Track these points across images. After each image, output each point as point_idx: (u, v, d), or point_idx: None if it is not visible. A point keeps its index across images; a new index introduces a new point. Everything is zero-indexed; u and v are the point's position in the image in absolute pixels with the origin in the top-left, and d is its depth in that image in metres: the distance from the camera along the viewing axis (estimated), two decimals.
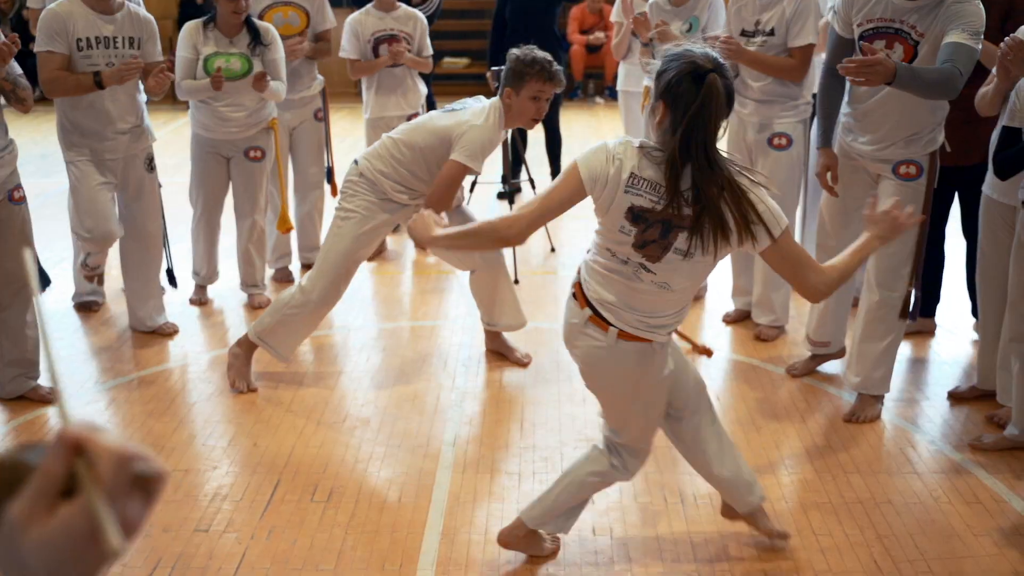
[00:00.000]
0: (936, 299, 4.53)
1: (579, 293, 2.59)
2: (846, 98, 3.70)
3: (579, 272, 2.62)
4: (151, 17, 4.26)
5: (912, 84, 3.28)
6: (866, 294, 3.75)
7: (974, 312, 4.40)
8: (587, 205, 2.62)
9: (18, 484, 0.72)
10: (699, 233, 2.36)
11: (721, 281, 5.18)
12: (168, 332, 4.62)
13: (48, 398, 3.95)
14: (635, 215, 2.39)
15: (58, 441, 0.70)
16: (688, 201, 2.35)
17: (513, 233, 2.56)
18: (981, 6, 3.32)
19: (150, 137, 4.38)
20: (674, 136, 2.34)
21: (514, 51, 3.84)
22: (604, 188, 2.43)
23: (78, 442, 0.70)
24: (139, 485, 0.72)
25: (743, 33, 4.35)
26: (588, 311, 2.55)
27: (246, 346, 4.04)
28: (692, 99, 2.31)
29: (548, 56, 3.88)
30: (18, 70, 3.71)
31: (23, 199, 3.80)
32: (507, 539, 2.89)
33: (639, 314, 2.52)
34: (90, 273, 4.59)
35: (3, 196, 3.70)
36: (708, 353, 3.95)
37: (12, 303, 3.82)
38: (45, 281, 4.20)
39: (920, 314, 4.20)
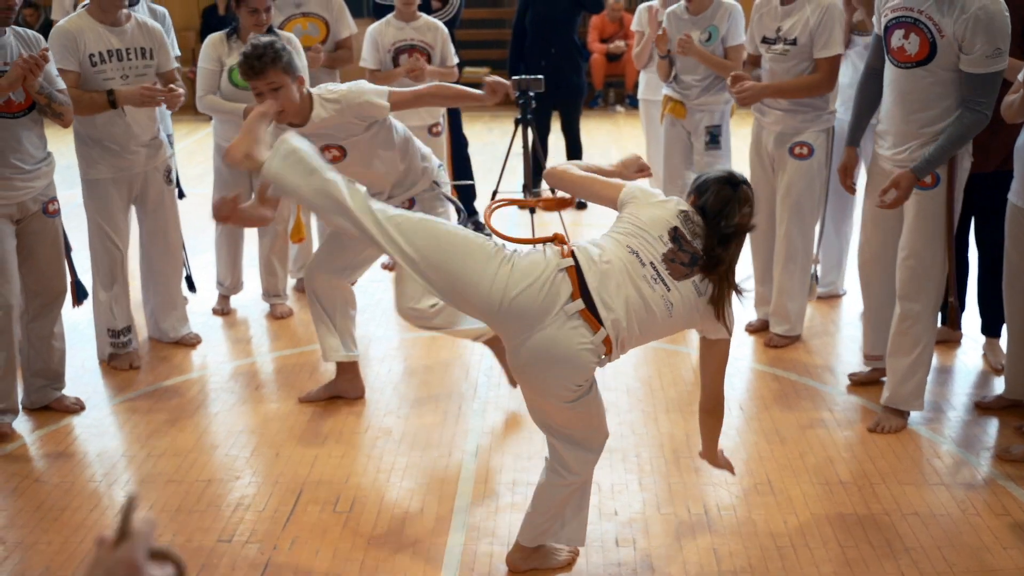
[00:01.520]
0: (961, 308, 4.48)
1: (574, 278, 2.48)
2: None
3: (574, 254, 2.53)
4: (159, 26, 4.26)
5: (940, 159, 3.40)
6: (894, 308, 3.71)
7: (983, 329, 4.33)
8: (610, 214, 2.64)
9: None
10: (710, 281, 2.57)
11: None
12: (192, 342, 4.64)
13: (73, 408, 3.97)
14: (675, 236, 2.56)
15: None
16: (706, 262, 2.57)
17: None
18: (1007, 15, 3.28)
19: (168, 149, 4.39)
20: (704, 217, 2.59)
21: None
22: (646, 204, 2.63)
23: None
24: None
25: (764, 40, 4.33)
26: (581, 302, 2.47)
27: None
28: (724, 194, 2.58)
29: (257, 46, 3.42)
30: (59, 84, 3.73)
31: (58, 211, 3.82)
32: (514, 562, 2.87)
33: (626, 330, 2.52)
34: (121, 350, 4.40)
35: (39, 208, 3.73)
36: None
37: (40, 314, 3.85)
38: (82, 293, 4.23)
39: (942, 323, 4.15)
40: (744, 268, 5.32)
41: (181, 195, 5.31)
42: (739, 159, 5.79)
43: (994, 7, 3.25)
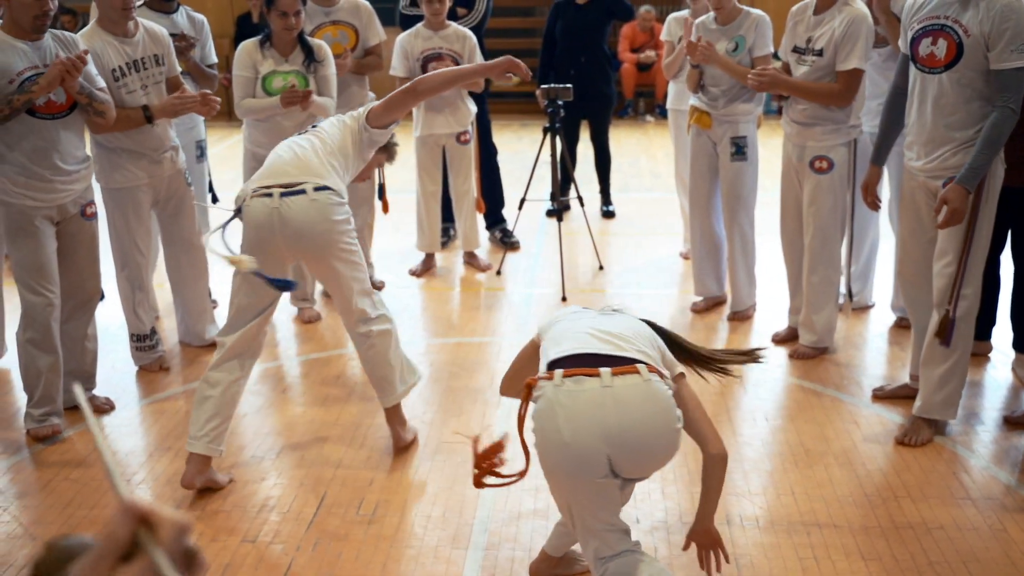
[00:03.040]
0: (992, 322, 4.44)
1: (526, 395, 2.54)
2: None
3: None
4: (164, 30, 4.28)
5: (982, 165, 3.37)
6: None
7: (1015, 344, 4.27)
8: (638, 224, 2.63)
9: (63, 566, 0.81)
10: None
11: (771, 301, 5.14)
12: None
13: (103, 408, 4.03)
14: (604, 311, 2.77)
15: (124, 510, 0.77)
16: None
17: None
18: None
19: (182, 152, 4.42)
20: None
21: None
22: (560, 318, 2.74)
23: (143, 513, 0.77)
24: (187, 560, 0.80)
25: (795, 49, 4.32)
26: (560, 371, 2.44)
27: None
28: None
29: None
30: (99, 83, 3.79)
31: (94, 215, 3.88)
32: (539, 570, 2.88)
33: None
34: (149, 354, 4.48)
35: (77, 211, 3.79)
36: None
37: (74, 315, 3.91)
38: (101, 296, 4.29)
39: (976, 337, 4.10)
40: (780, 282, 5.31)
41: (215, 199, 5.39)
42: (767, 170, 5.77)
43: (1016, 3, 3.27)
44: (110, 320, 4.89)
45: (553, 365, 2.46)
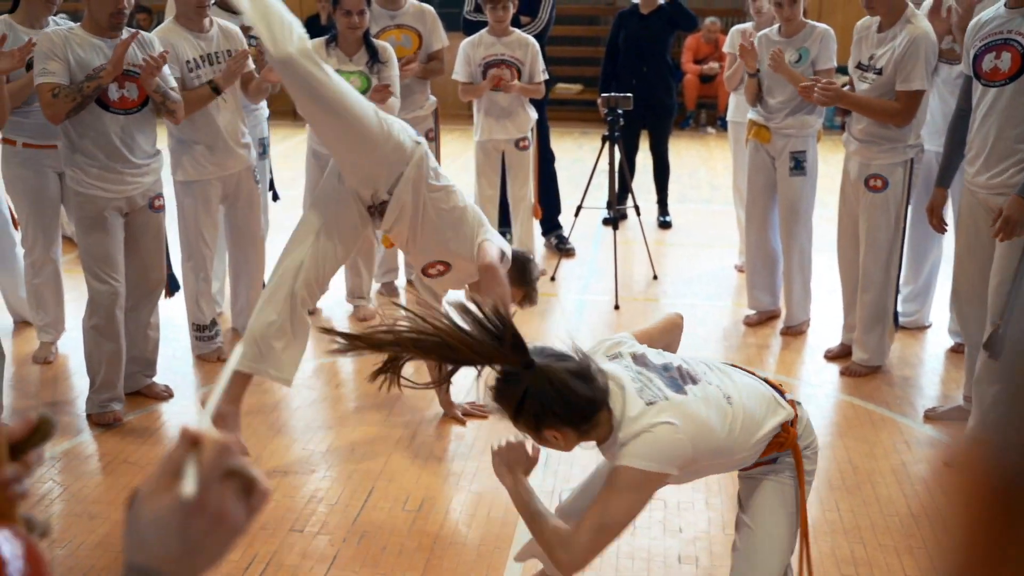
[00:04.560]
0: None
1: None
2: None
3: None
4: (236, 27, 4.41)
5: None
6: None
7: None
8: (695, 234, 2.65)
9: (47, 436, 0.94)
10: None
11: (825, 317, 5.09)
12: None
13: (162, 395, 4.15)
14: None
15: (182, 434, 0.83)
16: None
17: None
18: None
19: (251, 150, 4.55)
20: None
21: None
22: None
23: (196, 436, 0.83)
24: (236, 481, 0.83)
25: (859, 66, 4.29)
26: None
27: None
28: None
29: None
30: (171, 83, 3.92)
31: (162, 207, 4.01)
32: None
33: None
34: (209, 344, 4.61)
35: (145, 203, 3.91)
36: None
37: (138, 304, 4.03)
38: (174, 286, 4.43)
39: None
40: (835, 297, 5.25)
41: (276, 197, 5.50)
42: (828, 186, 5.72)
43: None
44: (173, 310, 5.02)
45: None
